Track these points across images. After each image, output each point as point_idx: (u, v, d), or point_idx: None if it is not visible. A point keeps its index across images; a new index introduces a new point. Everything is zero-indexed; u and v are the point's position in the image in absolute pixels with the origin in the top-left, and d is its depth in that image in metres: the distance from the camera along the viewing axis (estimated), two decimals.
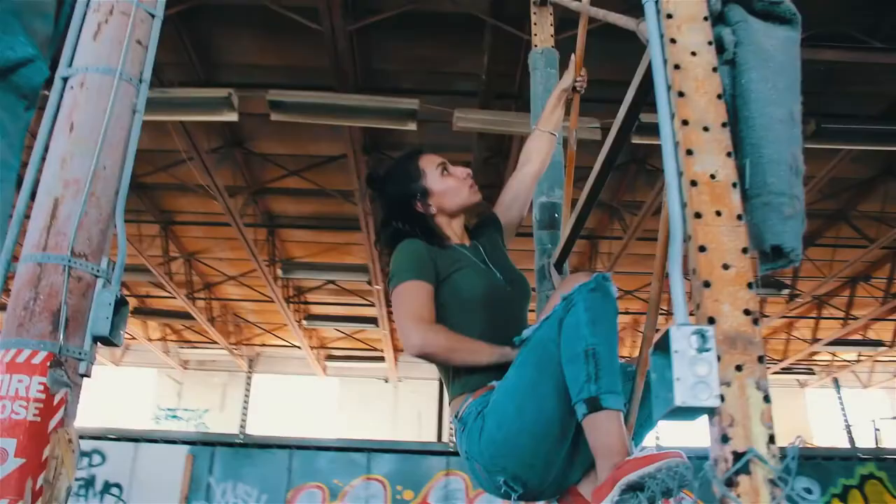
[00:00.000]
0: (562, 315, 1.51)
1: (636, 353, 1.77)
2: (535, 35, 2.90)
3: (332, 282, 11.81)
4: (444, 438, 11.73)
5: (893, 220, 8.50)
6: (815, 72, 6.08)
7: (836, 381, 14.14)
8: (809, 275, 10.42)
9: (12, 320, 1.63)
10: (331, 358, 15.52)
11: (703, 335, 1.02)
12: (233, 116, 6.15)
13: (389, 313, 12.60)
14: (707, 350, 1.02)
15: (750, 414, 1.02)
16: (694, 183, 1.17)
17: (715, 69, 1.26)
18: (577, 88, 2.36)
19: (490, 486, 1.68)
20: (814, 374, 15.66)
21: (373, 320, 12.88)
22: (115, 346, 1.73)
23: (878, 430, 12.99)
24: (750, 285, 1.10)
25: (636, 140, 6.67)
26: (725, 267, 1.11)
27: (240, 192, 8.59)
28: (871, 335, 13.09)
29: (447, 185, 1.94)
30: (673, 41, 1.28)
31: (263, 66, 6.62)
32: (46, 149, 1.79)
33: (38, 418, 1.55)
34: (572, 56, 2.36)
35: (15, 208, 1.77)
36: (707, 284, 1.10)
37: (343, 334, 14.69)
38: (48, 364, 1.58)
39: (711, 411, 1.03)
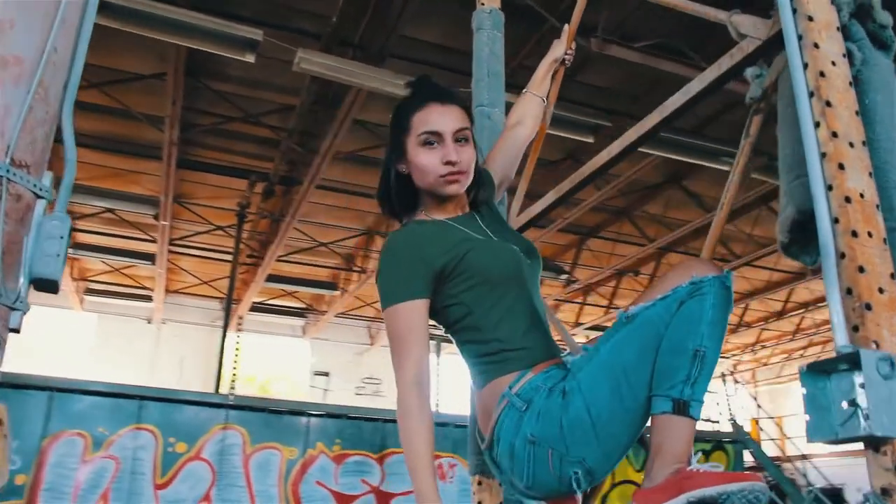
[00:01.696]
0: (684, 298, 1.39)
1: None
2: None
3: (111, 210, 10.51)
4: (223, 390, 11.05)
5: (671, 222, 9.59)
6: (644, 78, 6.57)
7: None
8: (588, 264, 11.41)
9: None
10: (90, 292, 13.92)
11: (891, 362, 1.00)
12: None
13: (170, 251, 11.58)
14: (892, 378, 1.00)
15: None
16: (848, 200, 1.13)
17: (851, 83, 1.23)
18: (566, 61, 2.25)
19: (552, 479, 1.45)
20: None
21: (150, 257, 11.75)
22: (54, 292, 1.30)
23: None
24: None
25: None
26: (881, 291, 1.09)
27: None
28: None
29: (418, 162, 1.59)
30: (816, 46, 1.23)
31: None
32: None
33: None
34: (565, 27, 2.25)
35: None
36: (869, 307, 1.07)
37: (110, 268, 13.22)
38: None
39: (885, 441, 1.01)
